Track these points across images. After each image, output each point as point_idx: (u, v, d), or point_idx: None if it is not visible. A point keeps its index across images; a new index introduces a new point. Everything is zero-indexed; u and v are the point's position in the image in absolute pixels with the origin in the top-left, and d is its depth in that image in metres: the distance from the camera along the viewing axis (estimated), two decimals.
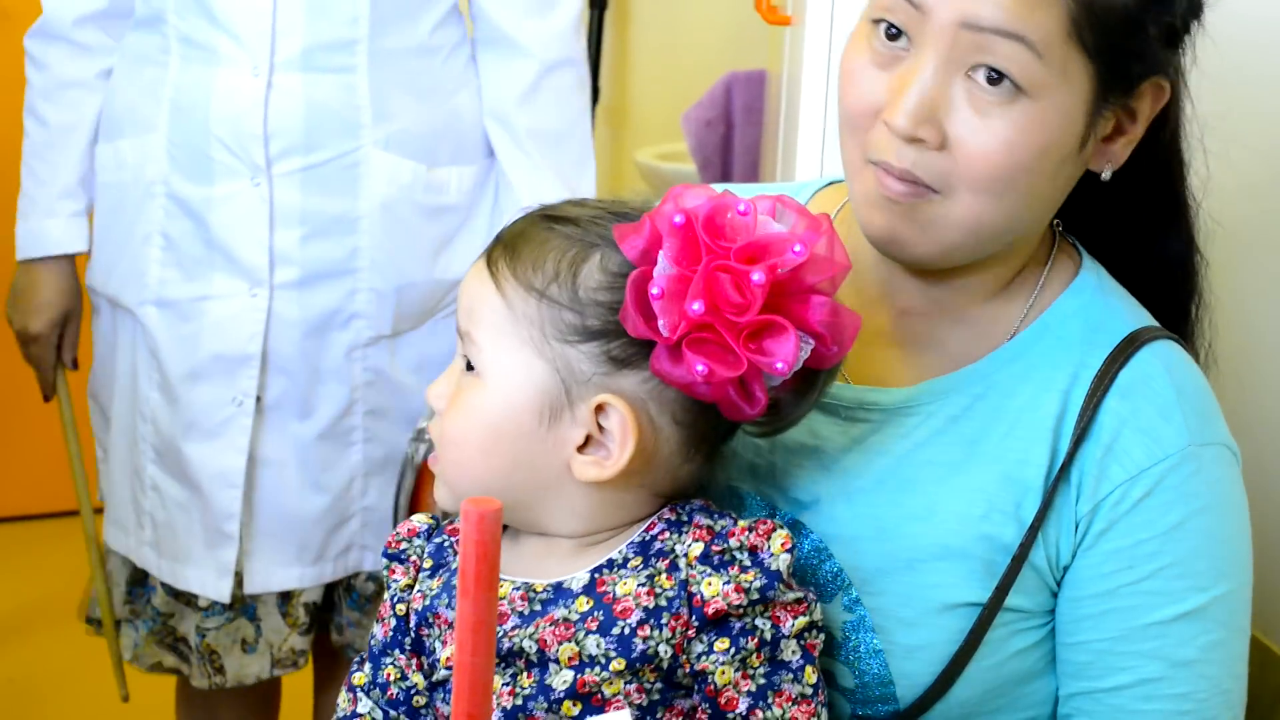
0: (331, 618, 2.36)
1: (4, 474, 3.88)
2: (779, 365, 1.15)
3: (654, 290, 1.13)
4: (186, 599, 2.32)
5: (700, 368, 1.14)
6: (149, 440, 2.27)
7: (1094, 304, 1.29)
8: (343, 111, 2.18)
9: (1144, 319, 1.30)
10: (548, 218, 1.22)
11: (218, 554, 2.25)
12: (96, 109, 2.29)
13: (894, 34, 1.19)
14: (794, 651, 1.17)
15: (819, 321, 1.16)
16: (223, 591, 2.25)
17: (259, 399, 2.23)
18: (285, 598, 2.31)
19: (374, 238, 2.22)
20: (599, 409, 1.18)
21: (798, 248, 1.14)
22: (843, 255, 1.16)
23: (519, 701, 1.17)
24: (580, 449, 1.19)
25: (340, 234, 2.21)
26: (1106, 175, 1.25)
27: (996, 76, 1.16)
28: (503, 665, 1.18)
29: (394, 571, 1.28)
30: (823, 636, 1.20)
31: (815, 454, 1.30)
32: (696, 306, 1.12)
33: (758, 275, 1.12)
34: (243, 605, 2.30)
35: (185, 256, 2.22)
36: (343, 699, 1.29)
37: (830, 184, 1.41)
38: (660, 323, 1.14)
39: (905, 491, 1.27)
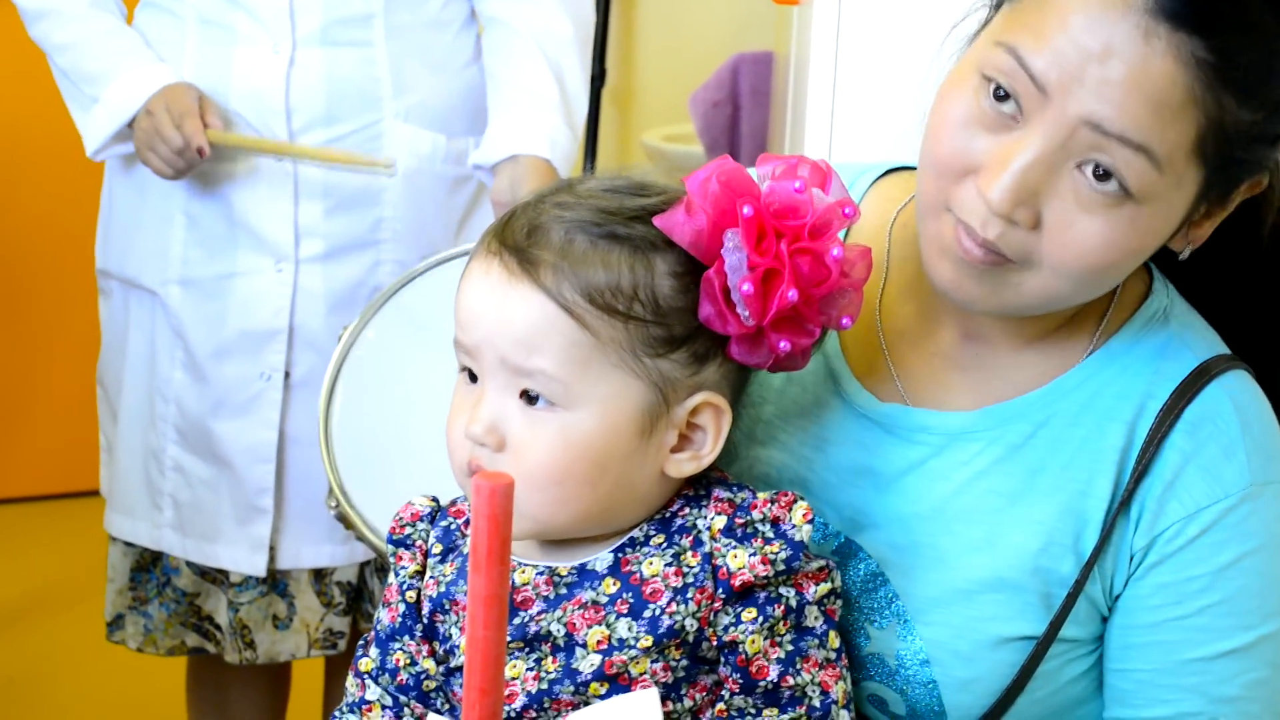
0: (361, 604, 2.36)
1: (16, 454, 3.88)
2: (845, 322, 1.18)
3: (745, 288, 1.13)
4: (213, 577, 2.32)
5: (784, 345, 1.16)
6: (170, 421, 2.27)
7: (1163, 330, 1.25)
8: (363, 85, 2.20)
9: (1214, 346, 1.26)
10: (578, 226, 1.16)
11: (250, 529, 2.26)
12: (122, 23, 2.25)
13: (1004, 95, 1.13)
14: (817, 618, 1.17)
15: (856, 267, 1.18)
16: (258, 566, 2.26)
17: (287, 375, 2.24)
18: (319, 576, 2.31)
19: (396, 209, 2.24)
20: (695, 409, 1.18)
21: (848, 210, 1.16)
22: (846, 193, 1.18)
23: (544, 685, 1.16)
24: (673, 449, 1.19)
25: (364, 206, 2.23)
26: (1185, 255, 1.22)
27: (1107, 175, 1.11)
28: (527, 650, 1.17)
29: (400, 558, 1.26)
30: (840, 602, 1.20)
31: (871, 474, 1.28)
32: (792, 294, 1.13)
33: (836, 251, 1.15)
34: (274, 581, 2.30)
35: (208, 235, 2.22)
36: (350, 684, 1.27)
37: (890, 171, 1.37)
38: (744, 314, 1.14)
39: (964, 521, 1.24)
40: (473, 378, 1.19)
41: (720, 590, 1.16)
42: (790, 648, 1.16)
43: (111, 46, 2.21)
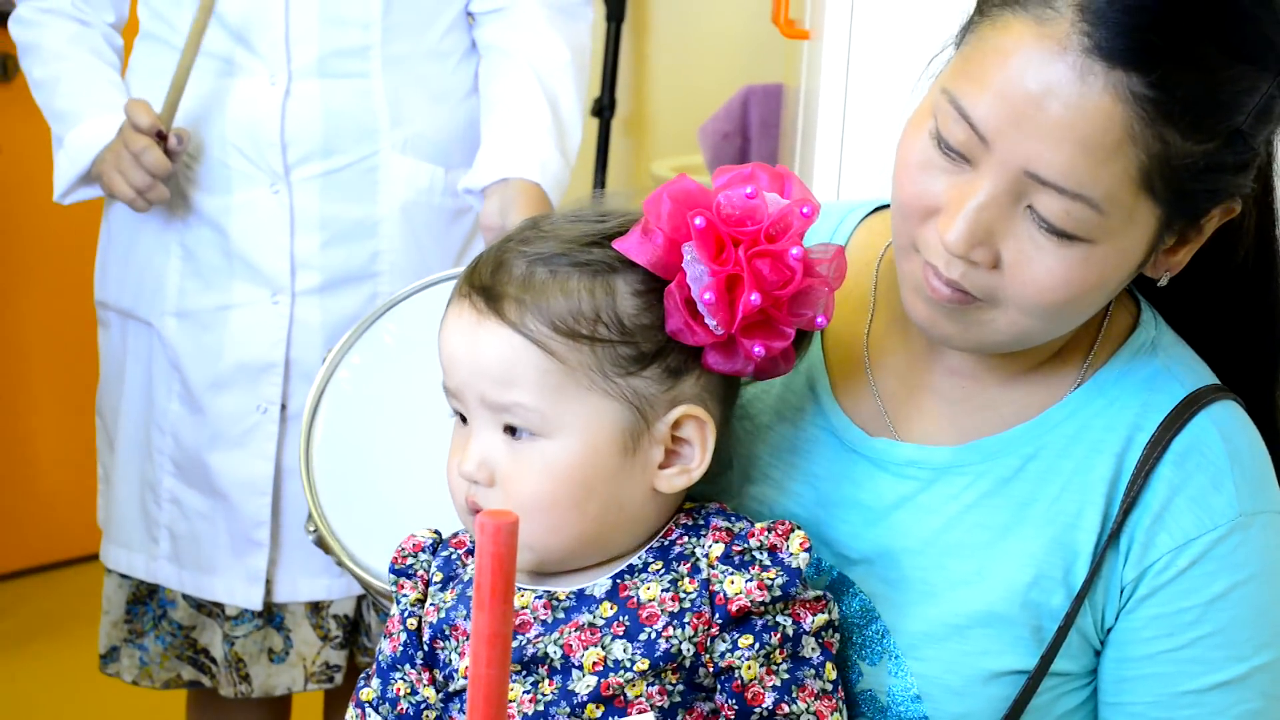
0: (358, 638, 2.35)
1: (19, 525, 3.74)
2: (819, 320, 1.19)
3: (706, 297, 1.14)
4: (210, 610, 2.31)
5: (758, 350, 1.17)
6: (167, 453, 2.27)
7: (1150, 361, 1.26)
8: (360, 116, 2.19)
9: (1203, 377, 1.26)
10: (539, 259, 1.19)
11: (246, 562, 2.25)
12: (111, 54, 2.24)
13: (951, 142, 1.14)
14: (814, 649, 1.18)
15: (828, 266, 1.19)
16: (253, 599, 2.25)
17: (283, 407, 2.23)
18: (315, 609, 2.30)
19: (394, 241, 2.23)
20: (676, 423, 1.20)
21: (806, 209, 1.17)
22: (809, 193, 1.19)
23: (540, 708, 1.17)
24: (661, 465, 1.20)
25: (360, 239, 2.22)
26: (1164, 282, 1.22)
27: (1050, 219, 1.12)
28: (524, 673, 1.18)
29: (402, 587, 1.28)
30: (838, 635, 1.21)
31: (861, 508, 1.28)
32: (755, 298, 1.15)
33: (796, 250, 1.16)
34: (270, 615, 2.29)
35: (205, 266, 2.22)
36: (351, 715, 1.28)
37: (879, 208, 1.38)
38: (712, 323, 1.16)
39: (954, 555, 1.24)
40: (465, 420, 1.22)
41: (717, 616, 1.17)
42: (786, 676, 1.17)
43: (81, 87, 2.21)
